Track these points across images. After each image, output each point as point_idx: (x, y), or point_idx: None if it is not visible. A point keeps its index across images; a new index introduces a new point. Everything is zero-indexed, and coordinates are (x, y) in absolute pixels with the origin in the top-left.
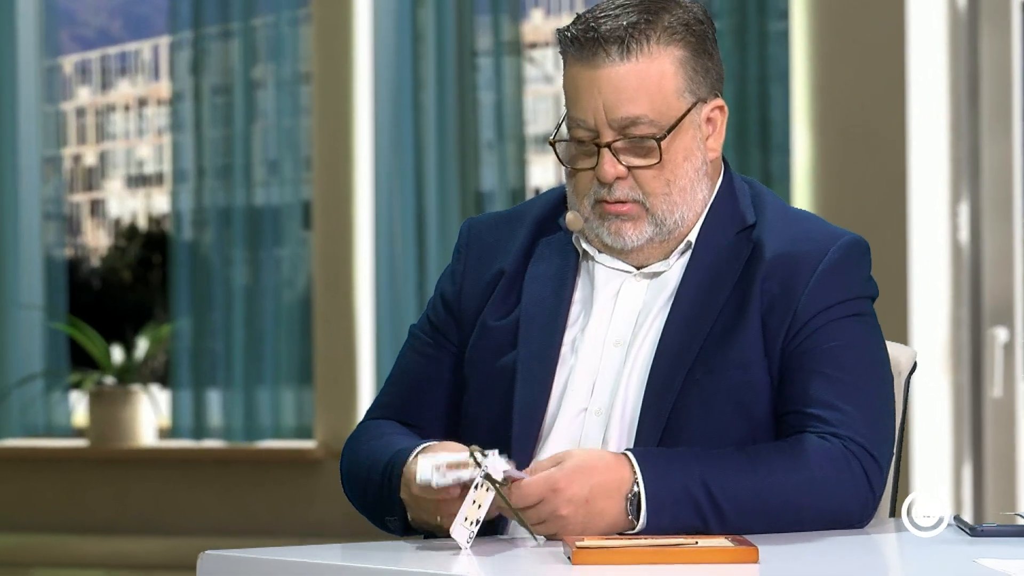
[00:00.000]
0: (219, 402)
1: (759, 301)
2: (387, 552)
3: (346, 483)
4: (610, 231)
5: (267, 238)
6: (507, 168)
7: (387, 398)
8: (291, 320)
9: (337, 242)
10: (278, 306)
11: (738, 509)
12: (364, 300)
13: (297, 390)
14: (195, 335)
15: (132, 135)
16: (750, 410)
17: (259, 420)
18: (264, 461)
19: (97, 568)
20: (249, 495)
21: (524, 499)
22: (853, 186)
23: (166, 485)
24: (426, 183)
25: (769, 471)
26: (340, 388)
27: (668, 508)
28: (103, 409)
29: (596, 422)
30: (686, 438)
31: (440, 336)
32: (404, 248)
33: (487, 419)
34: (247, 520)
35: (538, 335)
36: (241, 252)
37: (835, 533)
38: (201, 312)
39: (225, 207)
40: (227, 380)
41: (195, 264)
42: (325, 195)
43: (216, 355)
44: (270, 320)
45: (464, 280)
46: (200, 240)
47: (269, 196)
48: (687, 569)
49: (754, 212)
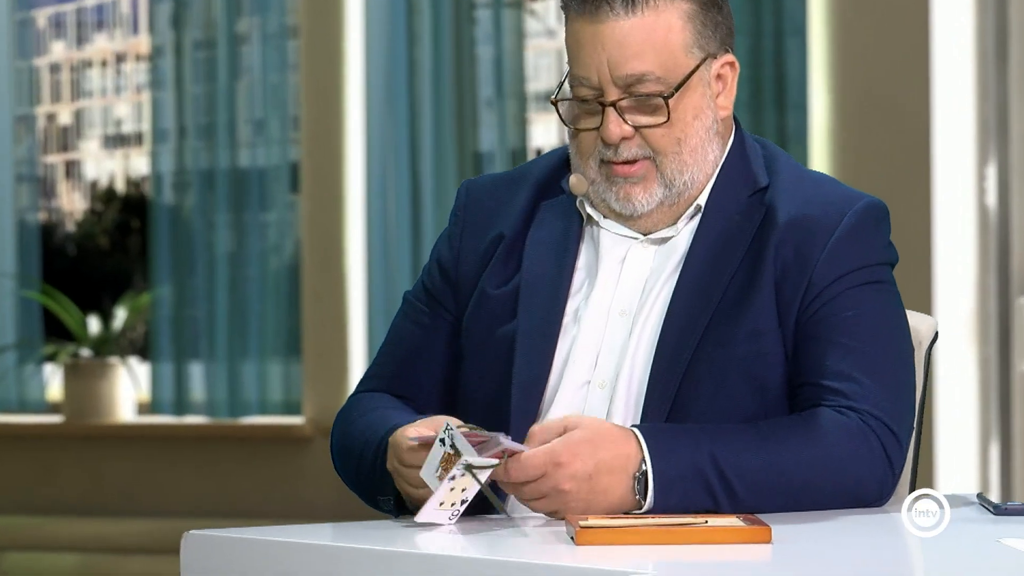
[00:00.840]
0: (201, 376)
1: (772, 268)
2: (380, 531)
3: (337, 460)
4: (618, 196)
5: (252, 202)
6: (507, 127)
7: (380, 369)
8: (278, 289)
9: (327, 206)
10: (264, 274)
11: (750, 487)
12: (355, 267)
13: (284, 363)
14: (176, 305)
15: (109, 92)
16: (763, 383)
17: (244, 395)
18: (249, 438)
19: (72, 551)
20: (233, 475)
21: (524, 473)
22: (873, 147)
23: (145, 464)
24: (421, 144)
25: (782, 447)
26: (330, 361)
27: (676, 486)
28: (78, 383)
29: (600, 396)
30: (695, 412)
31: (436, 304)
32: (398, 213)
33: (485, 392)
34: (231, 501)
35: (539, 304)
36: (225, 216)
37: (852, 512)
38: (182, 280)
39: (208, 169)
40: (210, 352)
41: (176, 229)
42: (314, 156)
43: (198, 326)
44: (256, 289)
45: (461, 245)
46: (181, 204)
47: (254, 157)
48: (696, 549)
49: (767, 174)
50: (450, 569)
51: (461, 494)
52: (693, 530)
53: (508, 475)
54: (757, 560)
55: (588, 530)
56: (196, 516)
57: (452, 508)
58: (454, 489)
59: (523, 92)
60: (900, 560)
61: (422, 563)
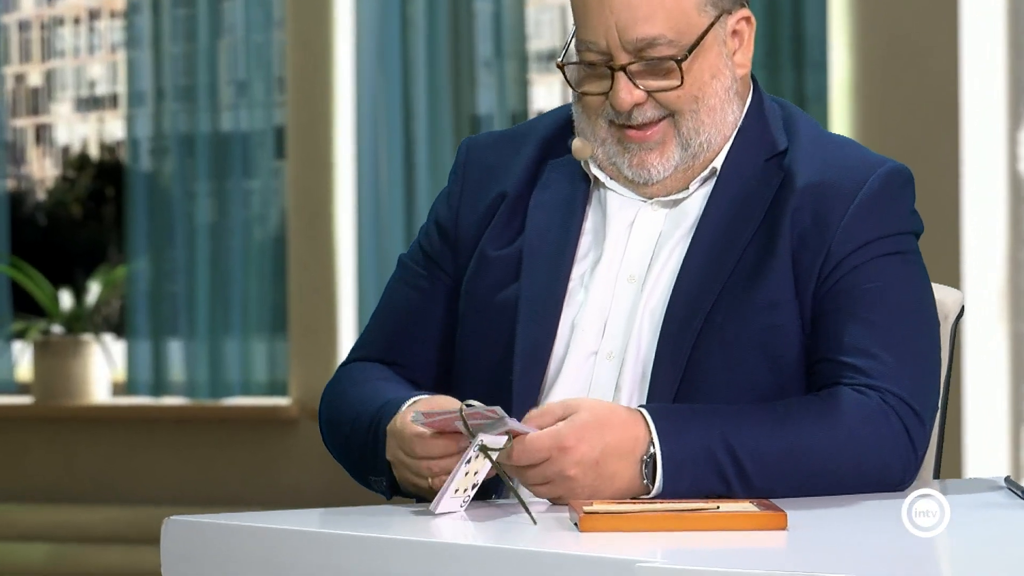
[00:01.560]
0: (181, 354)
1: (789, 235)
2: (373, 518)
3: (326, 435)
4: (632, 164)
5: (235, 169)
6: (506, 89)
7: (372, 336)
8: (262, 261)
9: (314, 173)
10: (247, 245)
11: (764, 470)
12: (345, 239)
13: (269, 341)
14: (154, 278)
15: (82, 52)
16: (778, 358)
17: (226, 375)
18: (232, 421)
19: (42, 541)
20: (215, 460)
21: (528, 457)
22: (898, 108)
23: (121, 448)
24: (415, 106)
25: (799, 428)
26: (318, 338)
27: (687, 470)
28: (49, 362)
29: (608, 366)
30: (706, 387)
31: (433, 266)
32: (390, 180)
33: (485, 362)
34: (213, 488)
35: (543, 268)
36: (206, 184)
37: (872, 497)
38: (160, 252)
39: (187, 133)
40: (190, 329)
41: (154, 198)
42: (300, 120)
43: (177, 301)
44: (238, 261)
45: (461, 204)
46: (159, 171)
47: (237, 121)
48: (707, 536)
49: (786, 137)
50: (446, 557)
51: (474, 478)
52: (704, 516)
53: (513, 458)
54: (772, 547)
55: (593, 516)
56: (175, 504)
57: (465, 494)
58: (468, 473)
59: (524, 51)
60: (925, 547)
61: (417, 550)
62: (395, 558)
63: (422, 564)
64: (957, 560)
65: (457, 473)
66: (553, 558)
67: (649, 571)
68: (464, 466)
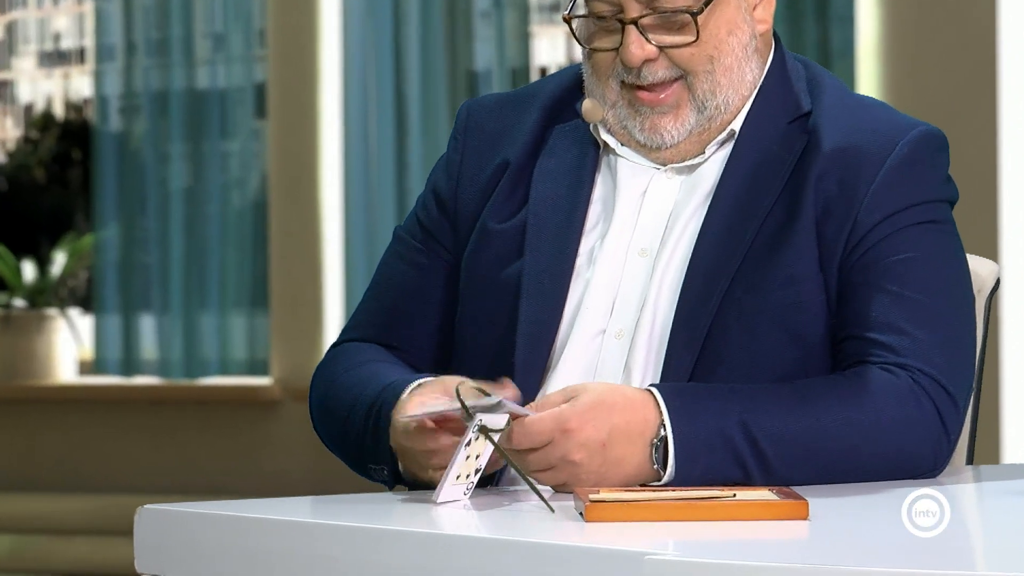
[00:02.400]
0: (153, 331)
1: (813, 204)
2: (364, 506)
3: (319, 422)
4: (643, 127)
5: (212, 129)
6: (506, 43)
7: (366, 316)
8: (242, 230)
9: (298, 133)
10: (226, 212)
11: (784, 455)
12: (331, 205)
13: (249, 315)
14: (124, 248)
15: (47, 2)
16: (801, 335)
17: (202, 353)
18: (209, 403)
19: (3, 532)
20: (191, 445)
21: (529, 440)
22: (930, 67)
23: (89, 432)
24: (407, 61)
25: (822, 409)
26: (302, 313)
27: (701, 455)
28: (11, 339)
29: (617, 346)
30: (724, 367)
31: (431, 240)
32: (380, 141)
33: (486, 343)
34: (189, 475)
35: (549, 241)
36: (180, 146)
37: (901, 484)
38: (131, 220)
39: (160, 91)
40: (163, 303)
41: (124, 161)
42: (283, 76)
43: (150, 273)
44: (216, 230)
45: (461, 172)
46: (130, 131)
47: (214, 77)
48: (723, 527)
49: (810, 98)
50: (440, 548)
51: (475, 462)
52: (719, 505)
53: (512, 441)
54: (792, 539)
55: (599, 505)
56: (148, 492)
57: (468, 481)
58: (469, 457)
59: (525, 1)
60: (957, 537)
61: (409, 541)
62: (387, 549)
63: (416, 555)
64: (992, 550)
65: (457, 457)
66: (555, 550)
67: (659, 564)
68: (464, 449)
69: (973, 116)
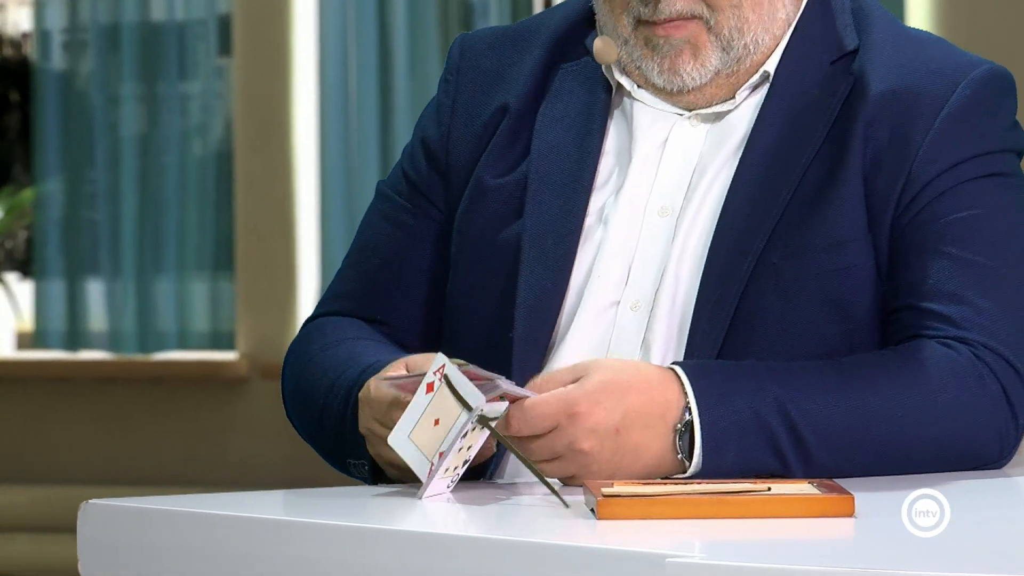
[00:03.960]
0: (102, 298)
1: (861, 156)
2: (350, 501)
3: (292, 408)
4: (661, 67)
5: (169, 68)
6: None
7: (346, 285)
8: (203, 183)
9: (267, 72)
10: (185, 163)
11: (828, 443)
12: (305, 156)
13: (212, 281)
14: (69, 204)
15: None
16: (846, 306)
17: (159, 323)
18: (167, 381)
19: None
20: (145, 429)
21: (530, 426)
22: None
23: (28, 415)
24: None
25: (871, 390)
26: (272, 278)
27: (731, 442)
28: None
29: (633, 320)
30: (758, 344)
31: (420, 198)
32: (361, 82)
33: (481, 316)
34: (143, 464)
35: (553, 199)
36: (133, 87)
37: (962, 476)
38: (77, 172)
39: (110, 24)
40: (113, 267)
41: (68, 105)
42: (249, 7)
43: (98, 232)
44: (173, 183)
45: (453, 119)
46: (75, 71)
47: (171, 8)
48: (756, 526)
49: (856, 35)
50: (434, 549)
51: (466, 453)
52: (753, 500)
53: (510, 427)
54: (836, 539)
55: (613, 500)
56: (97, 484)
57: (454, 472)
58: (461, 449)
59: None
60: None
61: (399, 541)
62: (374, 550)
63: (407, 557)
64: None
65: (451, 451)
66: (563, 552)
67: (683, 568)
68: (459, 441)
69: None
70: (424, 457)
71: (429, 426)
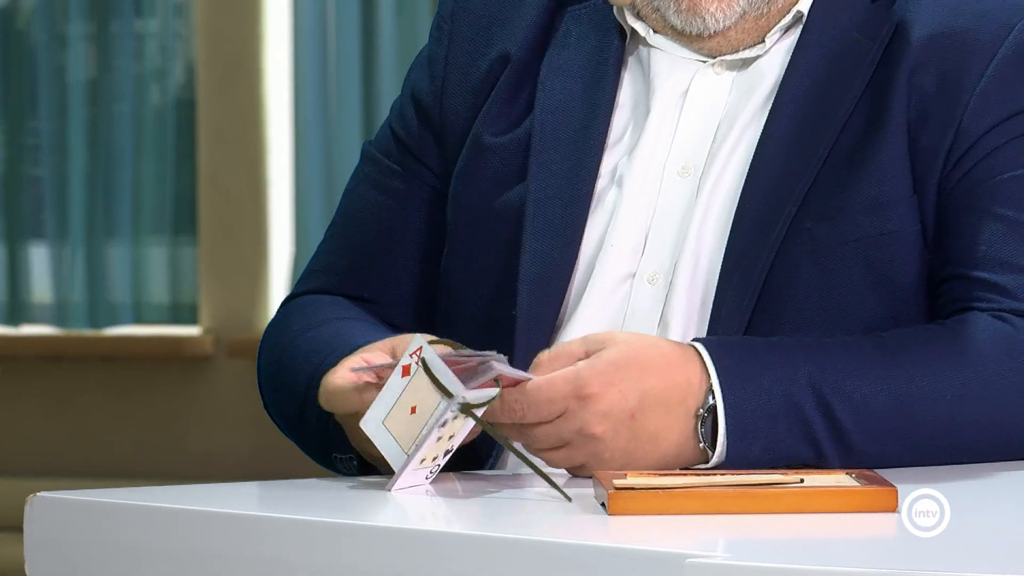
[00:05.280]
0: (47, 266)
1: (906, 106)
2: (329, 495)
3: (269, 399)
4: (679, 7)
5: (123, 4)
6: None
7: (329, 260)
8: (162, 135)
9: (234, 10)
10: (141, 112)
11: (868, 428)
12: (277, 102)
13: (171, 246)
14: (8, 159)
15: None
16: (889, 275)
17: (111, 295)
18: (120, 359)
19: None
20: (97, 413)
21: (535, 410)
22: None
23: None
24: None
25: (917, 369)
26: (240, 243)
27: (760, 428)
28: None
29: (650, 294)
30: (790, 319)
31: (411, 161)
32: (340, 19)
33: (480, 291)
34: (93, 453)
35: (561, 159)
36: (81, 26)
37: (1018, 465)
38: (17, 123)
39: None
40: (60, 231)
41: (8, 46)
42: None
43: (42, 191)
44: (128, 134)
45: (448, 71)
46: (16, 7)
47: None
48: (788, 522)
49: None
50: (426, 548)
51: (448, 443)
52: (784, 493)
53: (509, 413)
54: (878, 537)
55: (626, 493)
56: (42, 476)
57: (434, 463)
58: (440, 439)
59: None
60: None
61: (385, 539)
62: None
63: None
64: None
65: (425, 441)
66: (570, 551)
67: (704, 569)
68: (437, 430)
69: None
70: (399, 446)
71: (405, 413)
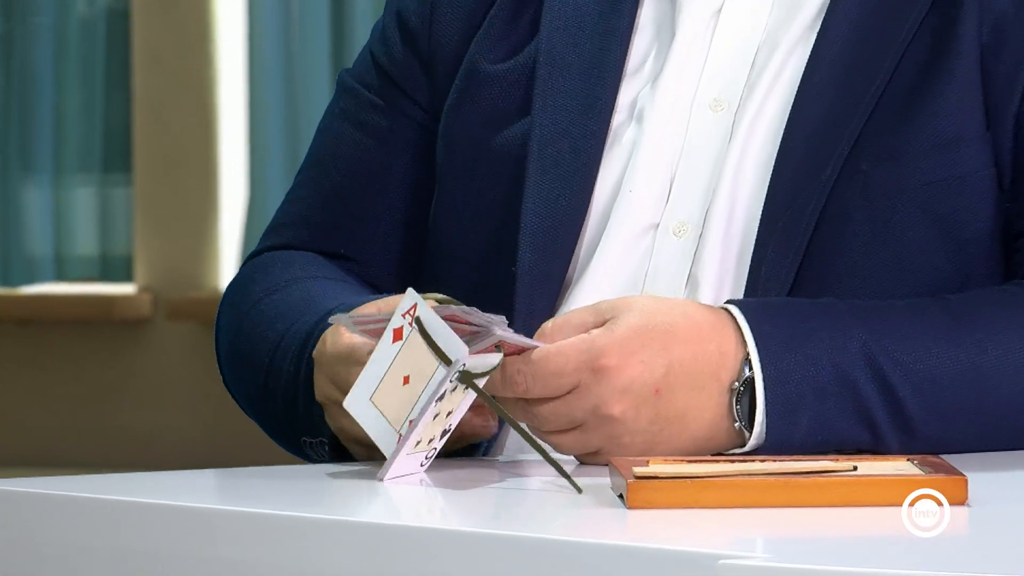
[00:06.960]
0: None
1: (977, 28)
2: (299, 484)
3: (229, 374)
4: None
5: None
6: None
7: (300, 209)
8: (89, 54)
9: None
10: (62, 27)
11: (931, 406)
12: (229, 14)
13: (101, 188)
14: None
15: None
16: (958, 228)
17: (29, 246)
18: (42, 322)
19: None
20: (14, 388)
21: (542, 383)
22: None
23: None
24: None
25: (989, 338)
26: (182, 185)
27: (806, 406)
28: None
29: (677, 248)
30: (841, 276)
31: (396, 92)
32: None
33: (475, 245)
34: (13, 437)
35: (570, 89)
36: None
37: None
38: None
39: None
40: None
41: None
42: None
43: None
44: (47, 54)
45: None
46: None
47: None
48: (838, 517)
49: None
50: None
51: (444, 422)
52: (833, 483)
53: (512, 385)
54: (946, 535)
55: (649, 483)
56: None
57: (430, 446)
58: (438, 415)
59: None
60: None
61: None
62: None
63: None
64: None
65: (421, 419)
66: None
67: (739, 572)
68: (434, 406)
69: None
70: (389, 426)
71: (396, 385)
